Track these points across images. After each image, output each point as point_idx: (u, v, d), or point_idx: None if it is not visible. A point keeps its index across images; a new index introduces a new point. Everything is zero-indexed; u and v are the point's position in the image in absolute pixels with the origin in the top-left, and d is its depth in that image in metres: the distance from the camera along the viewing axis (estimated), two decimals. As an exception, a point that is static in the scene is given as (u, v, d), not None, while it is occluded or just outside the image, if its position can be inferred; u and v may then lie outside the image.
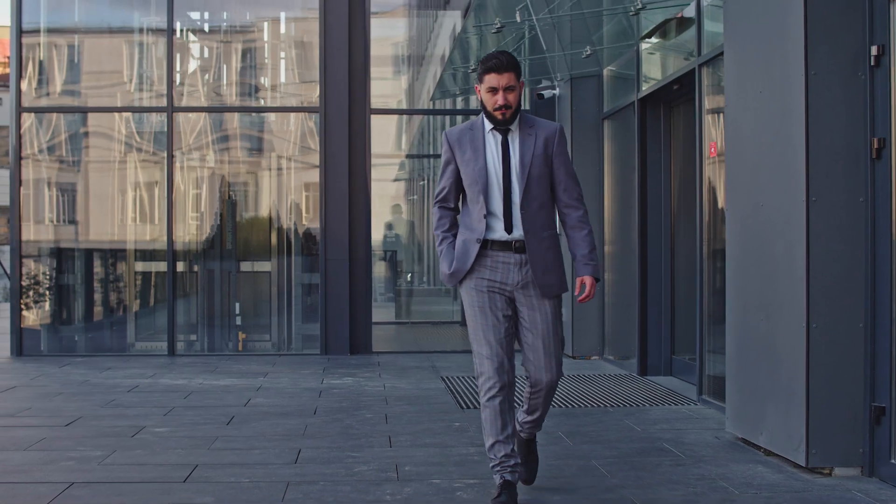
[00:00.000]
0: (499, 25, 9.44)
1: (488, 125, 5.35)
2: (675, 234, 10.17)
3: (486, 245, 5.27)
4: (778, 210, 6.22)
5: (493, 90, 5.23)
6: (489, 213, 5.25)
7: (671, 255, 10.22)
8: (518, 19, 9.34)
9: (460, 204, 5.52)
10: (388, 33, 14.46)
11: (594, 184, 11.85)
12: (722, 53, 7.53)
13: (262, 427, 7.63)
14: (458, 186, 5.44)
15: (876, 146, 5.73)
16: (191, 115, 13.34)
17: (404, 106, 14.54)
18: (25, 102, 13.19)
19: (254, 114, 13.67)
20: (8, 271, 30.72)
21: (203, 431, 7.45)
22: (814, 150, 5.86)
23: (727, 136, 7.12)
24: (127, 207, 13.61)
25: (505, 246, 5.26)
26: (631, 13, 9.12)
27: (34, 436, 7.25)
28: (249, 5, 13.93)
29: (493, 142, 5.32)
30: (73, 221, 13.57)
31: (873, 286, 5.76)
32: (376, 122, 13.19)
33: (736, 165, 6.94)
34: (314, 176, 13.13)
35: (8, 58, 55.63)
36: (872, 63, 5.77)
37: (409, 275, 14.99)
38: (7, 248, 46.28)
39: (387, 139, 14.29)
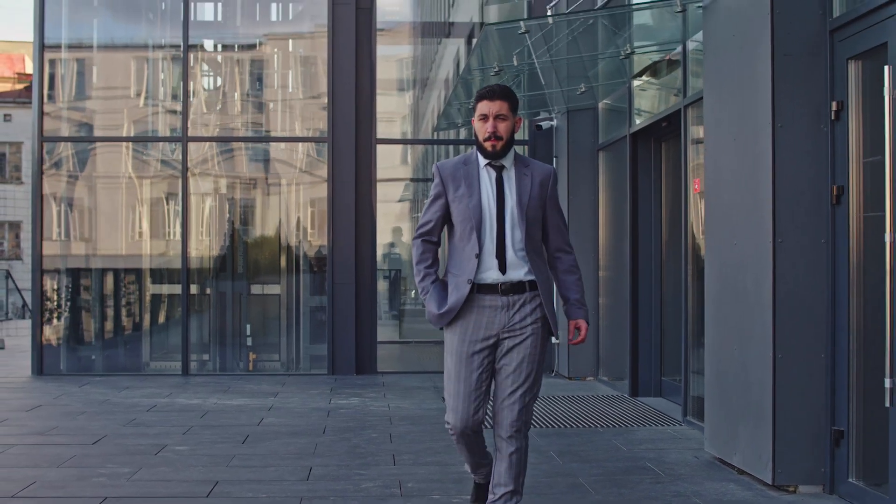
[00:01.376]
0: (497, 69, 10.02)
1: (483, 160, 5.19)
2: (665, 262, 10.73)
3: (474, 288, 5.10)
4: (749, 248, 6.80)
5: (484, 117, 5.12)
6: (481, 252, 5.09)
7: (661, 281, 10.78)
8: (515, 63, 9.91)
9: (447, 240, 5.35)
10: (393, 53, 15.08)
11: (589, 212, 12.43)
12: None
13: (275, 446, 8.20)
14: (443, 221, 5.26)
15: (835, 193, 6.31)
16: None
17: (408, 125, 15.15)
18: (47, 125, 13.71)
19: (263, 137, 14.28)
20: (19, 288, 31.16)
21: (221, 450, 8.02)
22: (780, 195, 6.44)
23: (706, 177, 7.70)
24: (140, 226, 14.20)
25: (492, 289, 5.09)
26: (621, 57, 9.70)
27: (65, 453, 7.82)
28: (259, 27, 14.57)
29: (487, 178, 5.18)
30: (85, 239, 14.14)
31: (833, 320, 6.33)
32: (382, 148, 13.80)
33: (714, 204, 7.52)
34: (320, 192, 13.72)
35: (17, 73, 56.38)
36: (833, 117, 6.35)
37: (414, 292, 15.56)
38: (15, 263, 46.58)
39: (392, 160, 14.85)
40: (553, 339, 12.28)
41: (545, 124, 13.09)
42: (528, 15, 12.40)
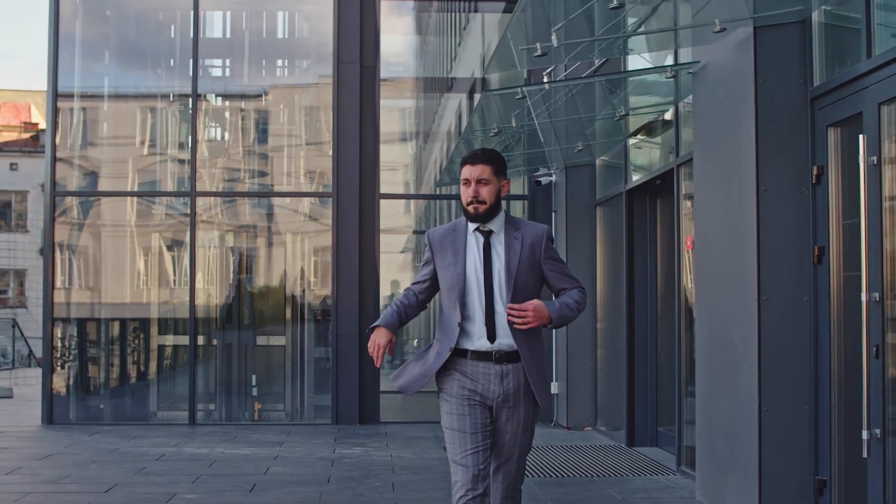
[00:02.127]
0: (497, 130, 10.39)
1: (471, 226, 5.08)
2: (660, 315, 11.03)
3: (466, 354, 4.95)
4: (736, 305, 7.12)
5: (467, 182, 5.02)
6: (467, 320, 4.97)
7: (656, 333, 11.08)
8: (514, 124, 10.28)
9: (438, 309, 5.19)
10: (396, 105, 15.49)
11: (587, 265, 12.75)
12: (694, 159, 8.45)
13: (281, 494, 8.48)
14: (434, 284, 5.19)
15: (817, 253, 6.65)
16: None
17: (411, 175, 15.53)
18: (57, 173, 14.08)
19: (268, 190, 14.65)
20: (25, 337, 31.42)
21: (229, 498, 8.30)
22: (764, 255, 6.77)
23: (696, 236, 8.04)
24: (146, 275, 14.54)
25: (484, 356, 4.94)
26: (616, 118, 10.06)
27: (79, 501, 8.11)
28: (265, 79, 14.99)
29: (475, 244, 5.06)
30: (92, 288, 14.46)
31: (816, 374, 6.64)
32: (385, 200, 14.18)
33: (703, 262, 7.85)
34: (324, 240, 14.07)
35: (23, 123, 56.92)
36: (814, 181, 6.70)
37: (416, 341, 15.86)
38: (20, 311, 46.77)
39: (395, 209, 15.18)
40: (552, 389, 12.52)
41: (544, 180, 13.45)
42: (526, 81, 12.75)
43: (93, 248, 14.38)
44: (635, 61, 10.20)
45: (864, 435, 5.85)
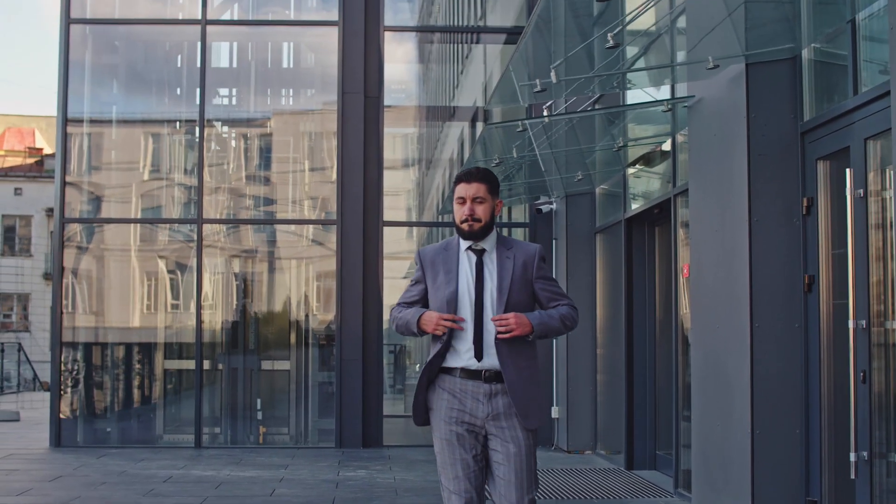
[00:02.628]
0: (498, 161, 10.65)
1: (463, 244, 5.05)
2: (658, 340, 11.26)
3: (454, 372, 4.93)
4: (729, 332, 7.35)
5: (462, 200, 5.02)
6: (457, 339, 4.93)
7: (654, 358, 11.30)
8: (515, 155, 10.54)
9: None
10: (399, 131, 15.77)
11: (587, 292, 12.98)
12: (690, 190, 8.70)
13: (287, 515, 8.70)
14: (423, 304, 5.12)
15: (807, 281, 6.89)
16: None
17: (413, 200, 15.80)
18: (69, 198, 14.34)
19: (272, 215, 14.92)
20: (30, 361, 31.63)
21: (237, 518, 8.52)
22: (756, 283, 7.01)
23: (692, 265, 8.28)
24: (151, 299, 14.80)
25: (473, 374, 4.90)
26: (615, 149, 10.32)
27: (91, 521, 8.33)
28: (270, 106, 15.30)
29: (467, 263, 5.03)
30: (97, 312, 14.69)
31: (807, 399, 6.87)
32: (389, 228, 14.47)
33: (698, 290, 8.09)
34: (327, 265, 14.33)
35: (28, 148, 57.26)
36: (804, 212, 6.94)
37: (419, 366, 16.09)
38: (23, 335, 46.92)
39: (398, 234, 15.42)
40: (553, 413, 12.75)
41: (545, 208, 13.72)
42: (527, 112, 13.01)
43: (97, 271, 14.62)
44: (634, 93, 10.47)
45: (852, 457, 6.08)
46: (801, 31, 6.87)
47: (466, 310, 4.93)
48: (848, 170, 6.21)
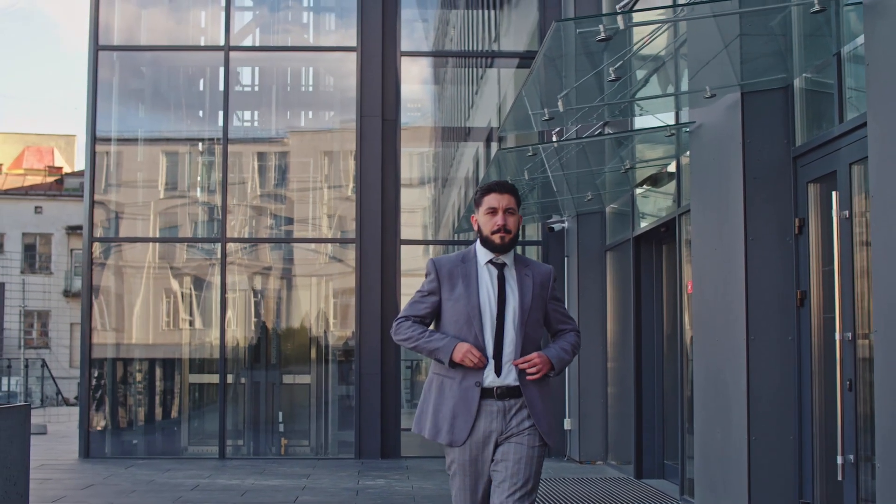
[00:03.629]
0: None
1: (483, 258, 4.95)
2: (666, 354, 11.70)
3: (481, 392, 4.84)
4: (727, 344, 7.81)
5: (493, 210, 4.89)
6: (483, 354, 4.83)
7: (662, 372, 11.75)
8: (527, 177, 11.02)
9: None
10: (415, 150, 16.27)
11: (598, 308, 13.44)
12: (692, 210, 9.17)
13: (311, 519, 9.17)
14: (433, 318, 5.02)
15: (799, 296, 7.35)
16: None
17: (429, 217, 16.29)
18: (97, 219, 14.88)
19: (291, 233, 15.44)
20: (53, 377, 32.18)
21: (263, 522, 9.00)
22: (752, 299, 7.47)
23: (694, 281, 8.74)
24: (174, 316, 15.32)
25: (487, 393, 4.83)
26: (621, 171, 10.80)
27: (126, 525, 8.82)
28: (290, 125, 15.83)
29: (487, 277, 4.93)
30: (117, 329, 15.21)
31: (800, 406, 7.32)
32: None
33: (699, 304, 8.56)
34: (346, 282, 14.84)
35: (47, 167, 57.88)
36: (796, 231, 7.41)
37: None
38: (43, 351, 47.38)
39: (414, 252, 15.89)
40: (565, 425, 13.19)
41: (557, 226, 14.20)
42: (539, 136, 13.47)
43: (119, 288, 15.13)
44: (642, 117, 10.95)
45: (839, 460, 6.52)
46: (792, 63, 7.34)
47: (486, 324, 4.83)
48: (834, 192, 6.67)
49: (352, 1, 15.10)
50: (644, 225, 11.82)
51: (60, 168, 58.86)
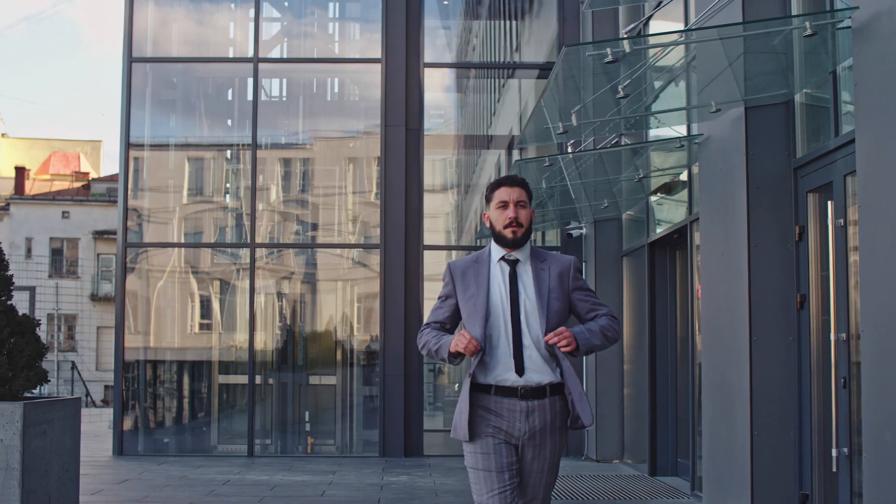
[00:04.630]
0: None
1: (495, 255, 4.90)
2: (679, 356, 12.14)
3: (490, 390, 4.77)
4: (732, 345, 8.26)
5: (504, 204, 4.84)
6: (488, 354, 4.79)
7: (675, 373, 12.18)
8: (544, 186, 11.48)
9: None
10: (438, 157, 16.76)
11: (615, 311, 13.82)
12: (702, 218, 9.61)
13: (338, 511, 9.66)
14: (454, 322, 4.98)
15: (799, 300, 7.79)
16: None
17: (452, 222, 16.77)
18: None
19: (316, 238, 15.95)
20: (83, 379, 32.72)
21: (293, 513, 9.49)
22: (755, 301, 7.91)
23: (702, 285, 9.19)
24: (204, 319, 15.86)
25: (510, 392, 4.75)
26: (636, 180, 11.25)
27: (163, 515, 9.33)
28: (317, 131, 16.38)
29: (499, 275, 4.86)
30: (143, 332, 15.75)
31: (799, 403, 7.76)
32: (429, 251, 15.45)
33: (706, 307, 9.00)
34: (371, 287, 15.34)
35: (74, 172, 58.58)
36: (797, 238, 7.85)
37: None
38: (69, 354, 47.96)
39: (437, 256, 16.36)
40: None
41: (575, 232, 14.67)
42: (558, 146, 13.93)
43: (146, 291, 15.66)
44: (657, 128, 11.41)
45: (834, 453, 6.96)
46: (793, 79, 7.77)
47: (499, 323, 4.77)
48: (830, 202, 7.11)
49: (377, 12, 15.60)
50: (658, 231, 12.25)
51: (87, 173, 59.58)
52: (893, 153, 5.75)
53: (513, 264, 4.85)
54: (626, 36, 6.64)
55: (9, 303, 6.57)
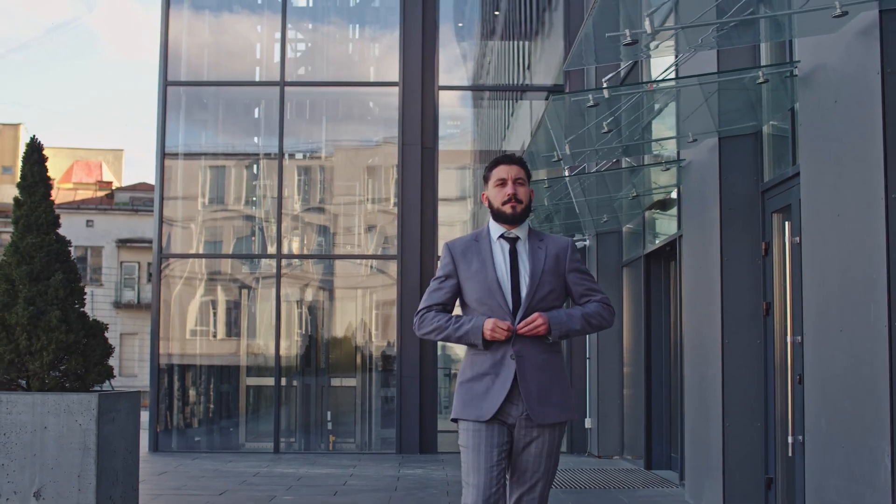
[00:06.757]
0: (533, 207, 12.68)
1: (495, 233, 4.87)
2: (673, 360, 13.15)
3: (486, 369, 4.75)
4: (708, 347, 9.32)
5: (503, 182, 4.81)
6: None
7: (669, 375, 13.22)
8: (546, 203, 12.56)
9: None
10: (454, 167, 17.85)
11: (615, 319, 14.87)
12: (686, 233, 10.68)
13: (359, 498, 10.74)
14: (454, 304, 4.93)
15: (765, 307, 8.85)
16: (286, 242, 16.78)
17: (467, 232, 17.82)
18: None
19: (336, 248, 17.07)
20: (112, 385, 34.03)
21: (318, 500, 10.57)
22: (727, 309, 8.97)
23: (685, 294, 10.25)
24: (233, 325, 17.02)
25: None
26: (630, 198, 12.31)
27: (201, 500, 10.42)
28: (337, 141, 17.49)
29: (500, 252, 4.83)
30: (183, 338, 16.92)
31: (765, 397, 8.82)
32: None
33: (688, 314, 10.07)
34: (388, 294, 16.45)
35: (98, 181, 59.64)
36: (763, 253, 8.91)
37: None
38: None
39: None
40: (586, 424, 14.61)
41: (579, 244, 15.74)
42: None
43: (175, 299, 16.80)
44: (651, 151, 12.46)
45: (790, 440, 8.02)
46: (761, 113, 8.83)
47: (508, 298, 4.76)
48: (787, 222, 8.17)
49: (394, 36, 16.70)
50: (654, 244, 13.30)
51: (110, 182, 60.72)
52: (828, 184, 6.80)
53: (513, 242, 4.83)
54: (605, 86, 7.68)
55: (81, 310, 7.70)
